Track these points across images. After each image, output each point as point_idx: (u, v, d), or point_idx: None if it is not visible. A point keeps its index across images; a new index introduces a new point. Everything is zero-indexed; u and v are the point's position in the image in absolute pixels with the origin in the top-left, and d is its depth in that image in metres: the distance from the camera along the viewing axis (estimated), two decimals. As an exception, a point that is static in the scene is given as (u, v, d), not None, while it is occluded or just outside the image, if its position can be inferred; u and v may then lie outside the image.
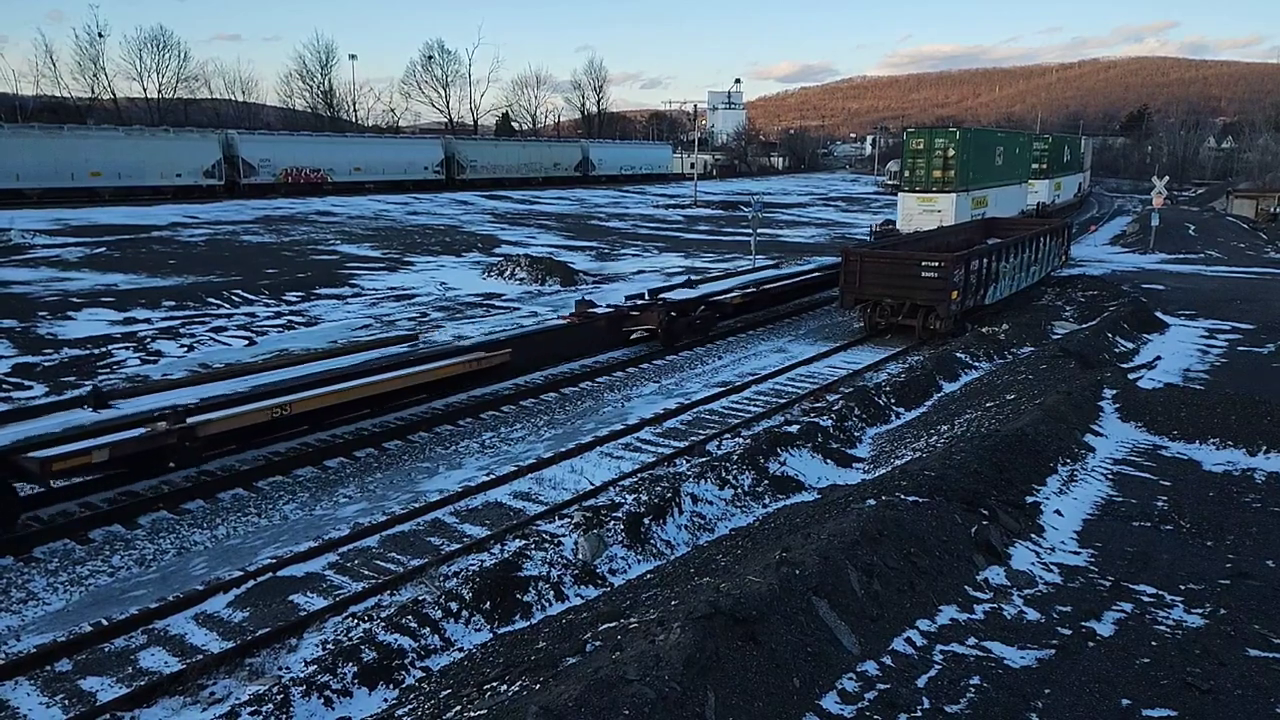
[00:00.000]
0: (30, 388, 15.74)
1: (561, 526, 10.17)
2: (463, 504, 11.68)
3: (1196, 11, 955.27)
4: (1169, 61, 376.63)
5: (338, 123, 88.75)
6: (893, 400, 15.64)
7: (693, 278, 25.18)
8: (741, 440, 13.85)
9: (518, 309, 23.51)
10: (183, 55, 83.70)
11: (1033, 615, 7.53)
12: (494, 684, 6.57)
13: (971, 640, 7.04)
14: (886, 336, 22.03)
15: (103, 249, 30.78)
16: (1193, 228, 52.79)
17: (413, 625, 8.08)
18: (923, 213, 32.49)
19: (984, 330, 21.08)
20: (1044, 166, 51.17)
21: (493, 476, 12.53)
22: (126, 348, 18.63)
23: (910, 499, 9.09)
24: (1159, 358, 18.30)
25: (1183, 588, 8.12)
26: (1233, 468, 11.67)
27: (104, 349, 18.44)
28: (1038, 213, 46.91)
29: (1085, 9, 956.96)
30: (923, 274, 20.90)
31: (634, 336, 20.67)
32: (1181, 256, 38.47)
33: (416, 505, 11.50)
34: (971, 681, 6.44)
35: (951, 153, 32.76)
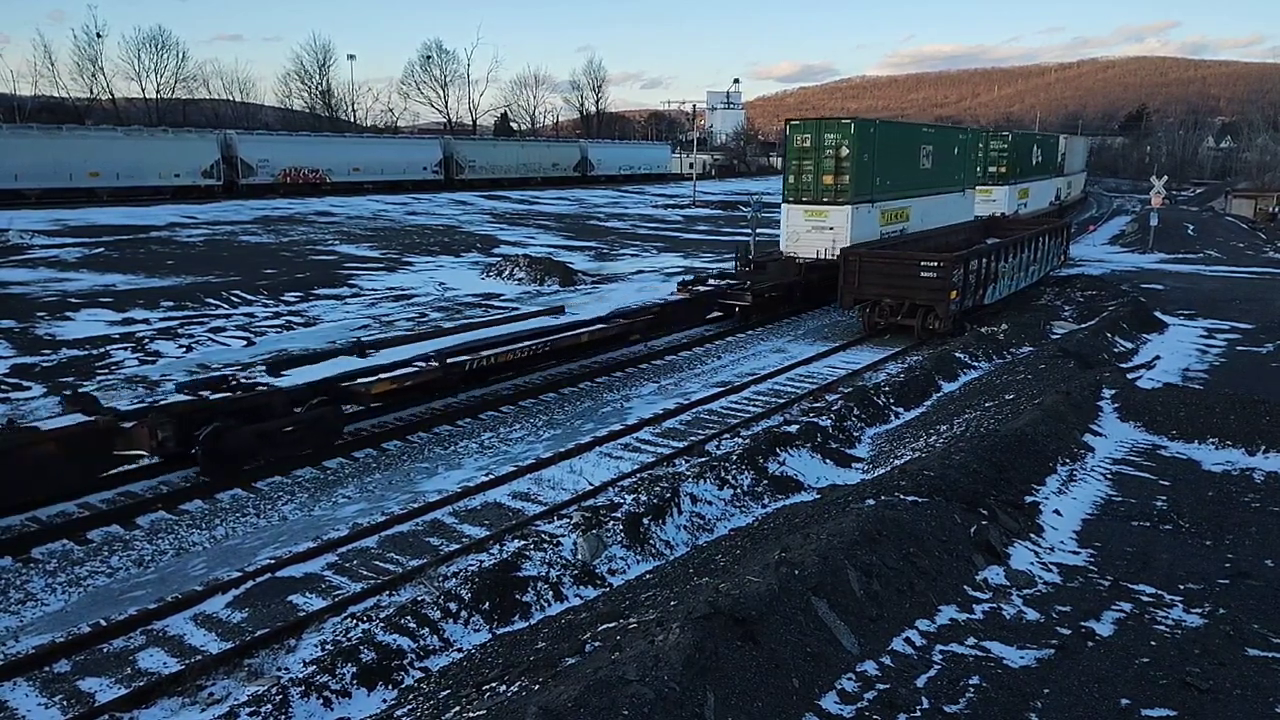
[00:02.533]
0: (29, 388, 15.73)
1: (561, 527, 10.17)
2: (462, 504, 11.67)
3: (1198, 11, 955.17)
4: (1168, 61, 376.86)
5: (336, 123, 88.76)
6: (892, 400, 15.64)
7: (362, 339, 16.64)
8: (741, 440, 13.85)
9: (516, 309, 23.51)
10: (181, 55, 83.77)
11: (1032, 615, 7.53)
12: (493, 684, 6.56)
13: (971, 640, 7.04)
14: (886, 336, 22.03)
15: (101, 249, 30.76)
16: (1191, 227, 52.85)
17: (412, 626, 8.08)
18: (811, 230, 24.24)
19: (983, 330, 21.08)
20: (1003, 170, 41.70)
21: (492, 477, 12.52)
22: (125, 348, 18.62)
23: (909, 499, 9.09)
24: (1158, 357, 18.31)
25: (1182, 587, 8.11)
26: (1232, 467, 11.67)
27: (102, 349, 18.43)
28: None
29: (1087, 9, 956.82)
30: (922, 274, 20.91)
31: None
32: (1180, 256, 38.50)
33: (415, 505, 11.49)
34: (971, 681, 6.44)
35: (846, 152, 23.77)
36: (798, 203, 24.80)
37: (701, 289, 23.71)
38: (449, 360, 15.10)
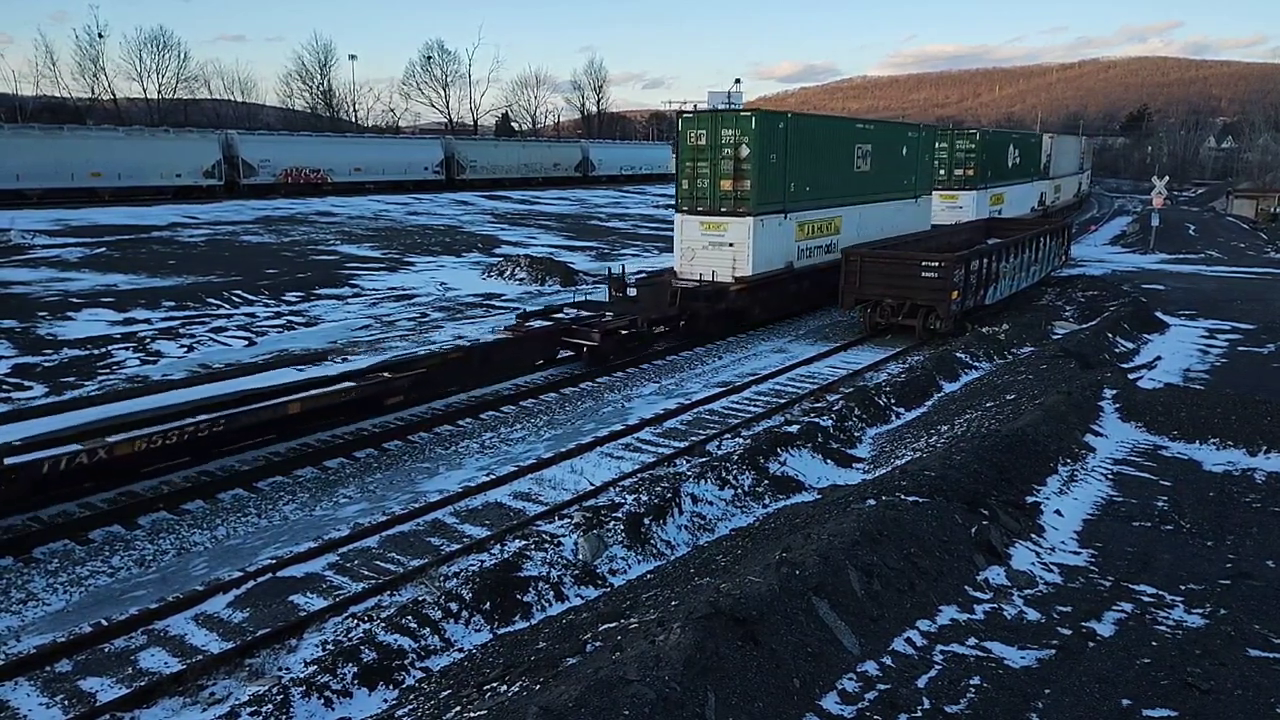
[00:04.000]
0: (30, 388, 15.74)
1: (562, 527, 10.17)
2: (463, 504, 11.68)
3: (1201, 11, 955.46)
4: (1169, 61, 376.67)
5: (337, 123, 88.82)
6: (893, 400, 15.63)
7: None
8: (742, 440, 13.85)
9: (518, 309, 23.50)
10: (183, 56, 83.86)
11: (1033, 615, 7.53)
12: (494, 684, 6.57)
13: (972, 640, 7.04)
14: (887, 336, 22.03)
15: (103, 249, 30.77)
16: (1193, 228, 52.82)
17: (413, 626, 8.08)
18: (708, 247, 20.74)
19: (984, 330, 21.07)
20: (971, 173, 36.61)
21: (493, 477, 12.52)
22: (126, 348, 18.63)
23: (910, 499, 9.08)
24: (1159, 358, 18.30)
25: (1183, 588, 8.11)
26: (1233, 468, 11.66)
27: (104, 349, 18.44)
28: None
29: (1090, 9, 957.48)
30: (923, 274, 20.90)
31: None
32: (1182, 256, 38.46)
33: (417, 505, 11.49)
34: (972, 682, 6.44)
35: (746, 151, 20.03)
36: (692, 213, 21.04)
37: (538, 324, 18.81)
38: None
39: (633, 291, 21.28)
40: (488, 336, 17.99)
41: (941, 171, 35.48)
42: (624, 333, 18.62)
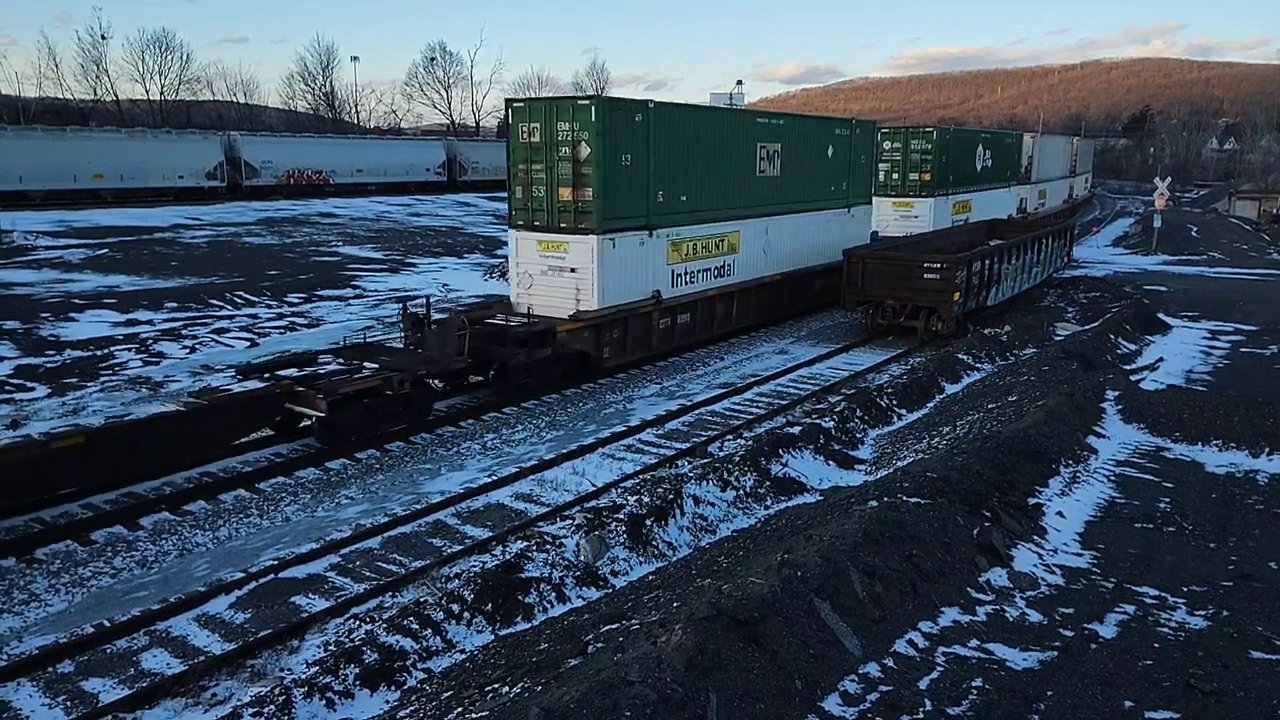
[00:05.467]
0: (33, 389, 15.76)
1: (563, 528, 10.18)
2: (465, 505, 11.68)
3: (1205, 13, 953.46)
4: (1171, 62, 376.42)
5: (340, 124, 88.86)
6: (895, 402, 15.63)
7: None
8: (743, 441, 13.85)
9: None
10: (185, 57, 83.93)
11: (1035, 617, 7.52)
12: (496, 685, 6.57)
13: (974, 642, 7.03)
14: (889, 338, 22.02)
15: (105, 251, 30.82)
16: (1195, 229, 52.72)
17: (415, 627, 8.09)
18: (548, 272, 17.01)
19: (986, 331, 21.06)
20: (928, 177, 31.85)
21: (495, 478, 12.53)
22: (129, 349, 18.67)
23: (912, 500, 9.08)
24: (1161, 359, 18.28)
25: (1185, 589, 8.10)
26: (1235, 469, 11.65)
27: (106, 350, 18.47)
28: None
29: (1095, 10, 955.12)
30: (925, 275, 20.90)
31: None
32: (1184, 258, 38.41)
33: (418, 506, 11.50)
34: (974, 683, 6.43)
35: (586, 153, 16.02)
36: (529, 229, 17.04)
37: (252, 385, 13.21)
38: None
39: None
40: (160, 406, 12.56)
41: (895, 176, 31.84)
42: (367, 401, 13.45)
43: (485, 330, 15.99)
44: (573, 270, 16.69)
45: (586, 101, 16.03)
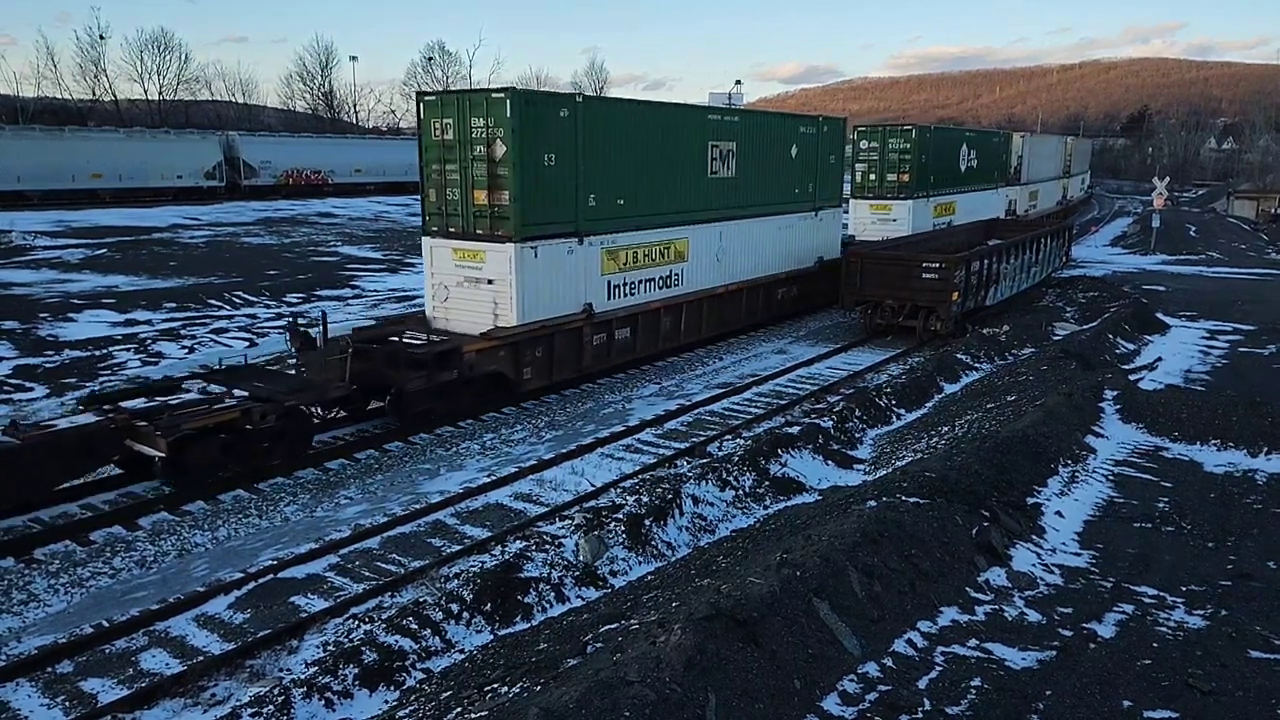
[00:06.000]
0: (31, 389, 15.76)
1: (563, 528, 10.19)
2: (464, 505, 11.68)
3: (1205, 13, 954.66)
4: (1170, 62, 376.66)
5: (338, 124, 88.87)
6: (894, 401, 15.64)
7: None
8: (742, 441, 13.86)
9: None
10: (184, 57, 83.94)
11: (1034, 616, 7.53)
12: (495, 685, 6.57)
13: (973, 641, 7.04)
14: (887, 338, 22.03)
15: (104, 251, 30.81)
16: (1194, 229, 52.79)
17: (414, 627, 8.09)
18: (464, 283, 15.41)
19: (985, 331, 21.08)
20: (906, 178, 30.13)
21: (494, 478, 12.52)
22: (127, 349, 18.66)
23: (911, 500, 9.09)
24: (1160, 359, 18.30)
25: (1184, 589, 8.11)
26: (1234, 469, 11.66)
27: (105, 350, 18.47)
28: None
29: (1095, 10, 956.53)
30: (924, 275, 20.91)
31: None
32: (1182, 257, 38.45)
33: (418, 506, 11.50)
34: (973, 683, 6.44)
35: (502, 152, 14.50)
36: (443, 235, 15.49)
37: (72, 423, 11.31)
38: None
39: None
40: None
41: (872, 177, 30.27)
42: (224, 436, 11.77)
43: (382, 351, 14.15)
44: (490, 282, 15.07)
45: (501, 94, 14.38)
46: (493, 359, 14.91)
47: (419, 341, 14.40)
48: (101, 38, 77.16)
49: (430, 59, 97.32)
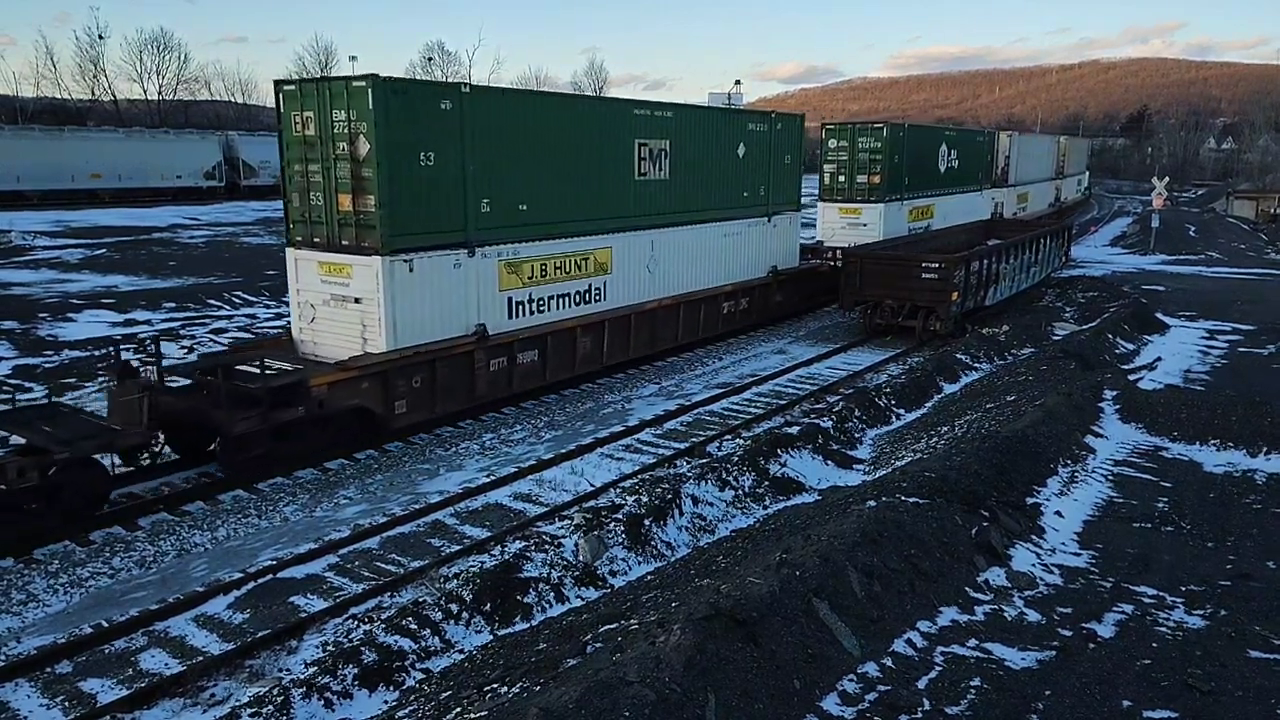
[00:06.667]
0: (31, 389, 15.75)
1: (562, 528, 10.18)
2: (463, 505, 11.68)
3: (1205, 13, 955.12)
4: (1169, 62, 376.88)
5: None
6: (893, 401, 15.64)
7: None
8: (742, 441, 13.86)
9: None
10: (183, 57, 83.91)
11: (1033, 616, 7.53)
12: (494, 685, 6.57)
13: (972, 641, 7.04)
14: (887, 338, 22.03)
15: (103, 251, 30.80)
16: (1193, 229, 52.81)
17: (413, 627, 8.08)
18: (330, 301, 13.63)
19: (984, 331, 21.09)
20: (877, 180, 27.98)
21: (493, 478, 12.52)
22: (127, 349, 18.62)
23: (911, 500, 9.09)
24: (1159, 359, 18.31)
25: (1184, 589, 8.11)
26: (1233, 469, 11.67)
27: (105, 350, 18.44)
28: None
29: (1095, 10, 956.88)
30: (923, 275, 20.92)
31: None
32: (1182, 257, 38.47)
33: (417, 506, 11.50)
34: (972, 683, 6.44)
35: (365, 150, 12.67)
36: (308, 246, 13.67)
37: None
38: None
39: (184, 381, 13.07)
40: None
41: (841, 179, 28.29)
42: None
43: (210, 385, 12.21)
44: (357, 301, 13.18)
45: (362, 82, 12.42)
46: (353, 392, 12.82)
47: (259, 371, 12.26)
48: (101, 38, 77.17)
49: (430, 59, 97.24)
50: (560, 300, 16.21)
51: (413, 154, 13.02)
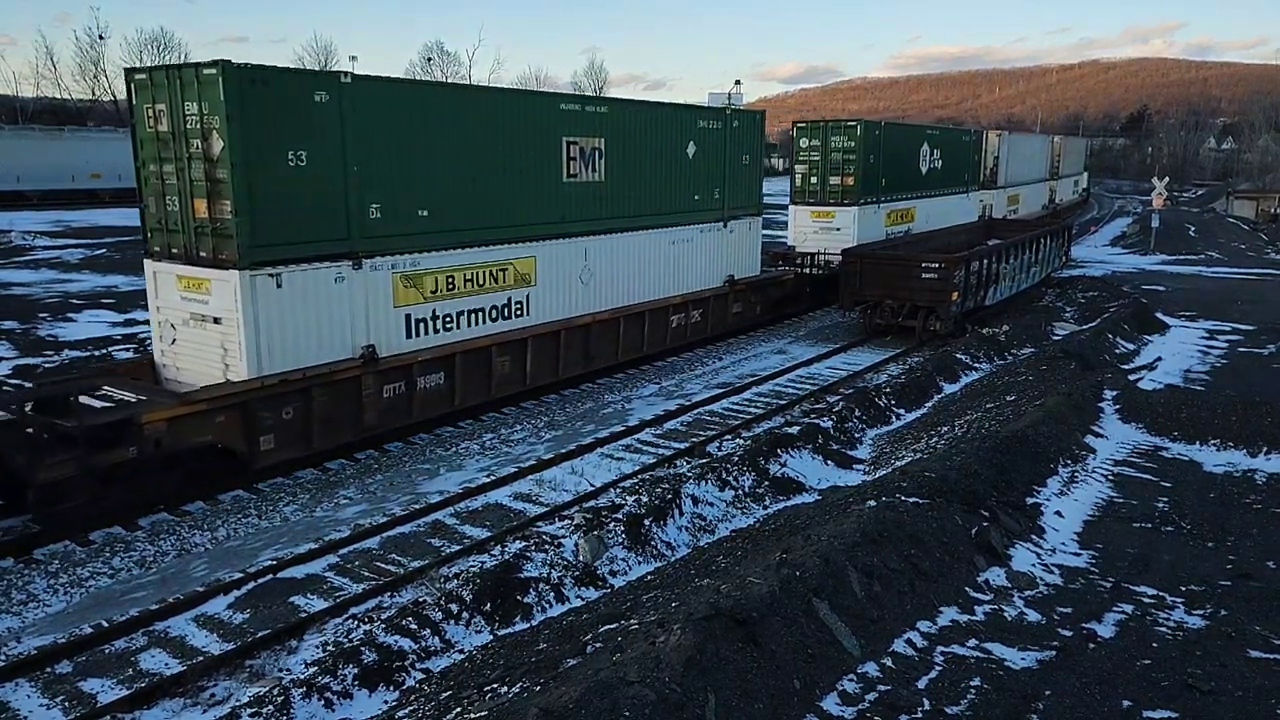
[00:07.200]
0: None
1: (562, 528, 10.18)
2: (463, 505, 11.68)
3: (1205, 13, 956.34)
4: (1169, 62, 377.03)
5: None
6: (893, 401, 15.64)
7: None
8: (742, 441, 13.86)
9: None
10: (184, 57, 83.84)
11: (1034, 616, 7.53)
12: (494, 685, 6.57)
13: (972, 641, 7.04)
14: (887, 338, 22.04)
15: (103, 251, 30.79)
16: (1193, 229, 52.79)
17: (413, 627, 8.09)
18: (191, 321, 12.15)
19: (985, 331, 21.09)
20: (850, 182, 26.37)
21: (493, 478, 12.52)
22: (127, 349, 18.63)
23: (911, 500, 9.09)
24: (1160, 359, 18.31)
25: (1184, 589, 8.11)
26: (1233, 469, 11.67)
27: (105, 350, 18.44)
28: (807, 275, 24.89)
29: (1095, 10, 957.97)
30: (923, 275, 20.93)
31: None
32: (1182, 257, 38.47)
33: (417, 506, 11.50)
34: (972, 683, 6.44)
35: (220, 148, 11.12)
36: (166, 258, 12.22)
37: None
38: None
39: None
40: None
41: (813, 180, 26.80)
42: None
43: (24, 419, 10.20)
44: (217, 320, 11.67)
45: (213, 70, 10.87)
46: (203, 428, 11.14)
47: (89, 402, 10.79)
48: (101, 38, 77.09)
49: (429, 59, 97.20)
50: (473, 316, 14.62)
51: (278, 153, 11.48)
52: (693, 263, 19.66)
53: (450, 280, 14.14)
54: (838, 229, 26.13)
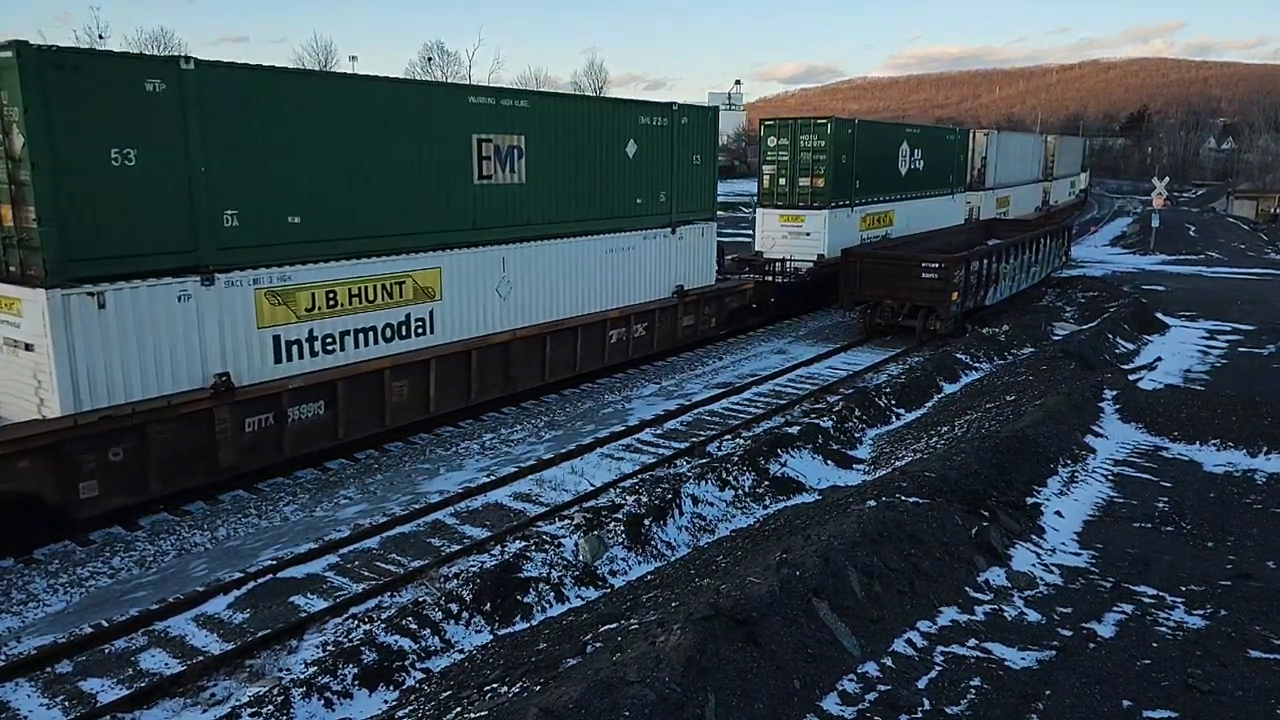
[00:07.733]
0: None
1: (562, 528, 10.18)
2: (463, 505, 11.68)
3: (1205, 13, 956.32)
4: (1169, 62, 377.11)
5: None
6: (893, 401, 15.64)
7: None
8: (742, 441, 13.86)
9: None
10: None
11: (1034, 616, 7.53)
12: (494, 685, 6.57)
13: (972, 641, 7.04)
14: (887, 338, 22.04)
15: None
16: (1193, 229, 52.80)
17: (413, 626, 8.09)
18: (5, 348, 10.31)
19: (985, 331, 21.09)
20: (821, 183, 24.87)
21: (493, 478, 12.53)
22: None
23: (911, 500, 9.09)
24: (1159, 359, 18.31)
25: (1184, 589, 8.11)
26: (1233, 469, 11.67)
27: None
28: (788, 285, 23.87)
29: (1095, 10, 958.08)
30: (923, 275, 20.93)
31: None
32: (1182, 257, 38.47)
33: (417, 506, 11.50)
34: (972, 683, 6.44)
35: (20, 146, 9.42)
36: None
37: None
38: None
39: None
40: None
41: (781, 182, 25.40)
42: None
43: None
44: (28, 347, 10.00)
45: (9, 53, 9.26)
46: (3, 475, 9.53)
47: None
48: (101, 38, 76.92)
49: (429, 59, 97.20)
50: (361, 336, 13.02)
51: (97, 151, 9.88)
52: (635, 272, 18.07)
53: (331, 296, 12.54)
54: (807, 234, 24.90)
